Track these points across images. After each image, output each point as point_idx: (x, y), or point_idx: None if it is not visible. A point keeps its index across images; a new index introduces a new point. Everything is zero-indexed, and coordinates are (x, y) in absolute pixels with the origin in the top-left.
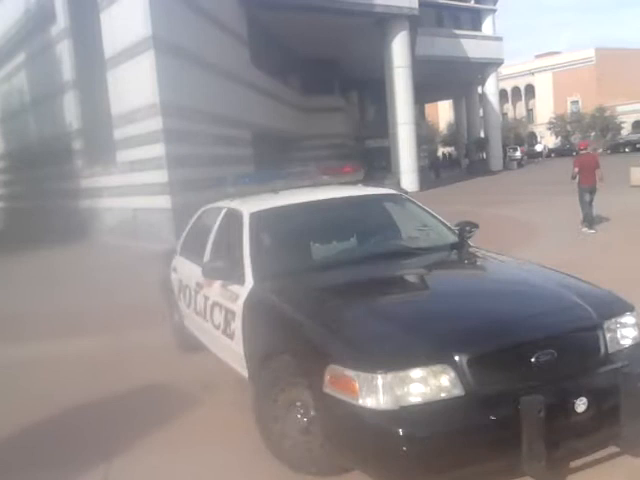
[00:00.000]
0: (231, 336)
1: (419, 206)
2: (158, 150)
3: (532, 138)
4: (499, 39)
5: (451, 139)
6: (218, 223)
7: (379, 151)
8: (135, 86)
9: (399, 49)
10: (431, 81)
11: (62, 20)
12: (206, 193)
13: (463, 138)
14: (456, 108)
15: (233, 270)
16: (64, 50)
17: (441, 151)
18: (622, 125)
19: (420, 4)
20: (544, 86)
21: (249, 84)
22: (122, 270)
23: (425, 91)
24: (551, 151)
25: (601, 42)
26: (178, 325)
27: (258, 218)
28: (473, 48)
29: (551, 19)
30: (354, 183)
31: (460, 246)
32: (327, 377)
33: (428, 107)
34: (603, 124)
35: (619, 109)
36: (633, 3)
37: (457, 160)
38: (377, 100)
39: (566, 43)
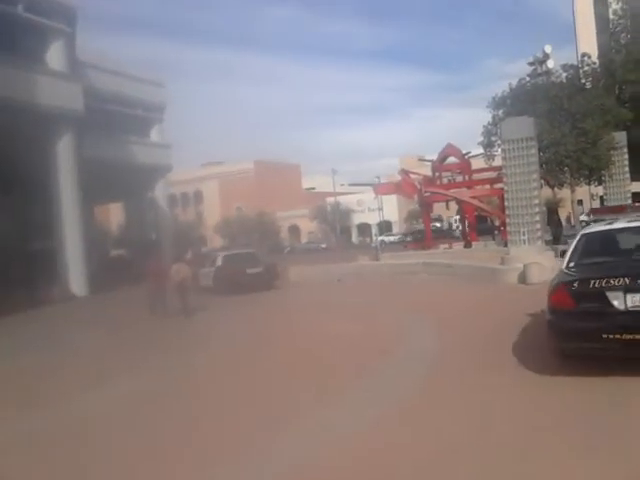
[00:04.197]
0: None
1: None
2: None
3: (203, 241)
4: (167, 147)
5: (123, 241)
6: None
7: (47, 254)
8: None
9: (64, 149)
10: (102, 183)
11: None
12: None
13: (135, 240)
14: (127, 210)
15: None
16: None
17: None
18: (281, 229)
19: (87, 108)
20: (212, 193)
21: None
22: None
23: (95, 192)
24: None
25: (259, 155)
26: None
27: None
28: (142, 154)
29: (217, 131)
30: None
31: None
32: None
33: (99, 208)
34: (264, 228)
35: (278, 215)
36: (287, 125)
37: (131, 262)
38: (43, 199)
39: (230, 154)
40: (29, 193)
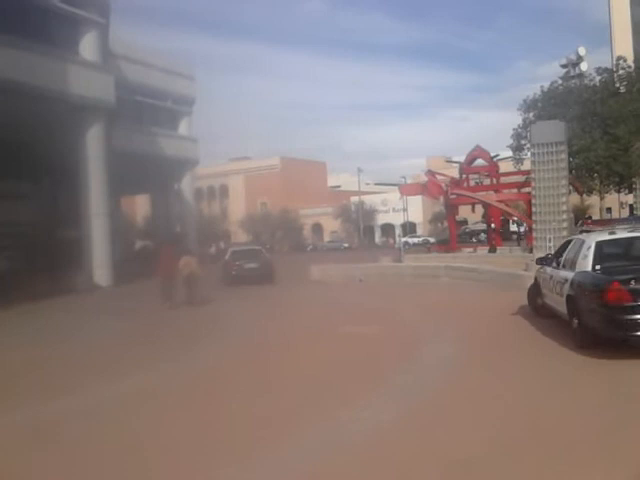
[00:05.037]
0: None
1: None
2: None
3: (227, 235)
4: (195, 140)
5: (148, 232)
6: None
7: (73, 243)
8: None
9: (94, 140)
10: (129, 174)
11: None
12: None
13: (160, 232)
14: (153, 203)
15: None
16: None
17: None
18: (304, 226)
19: (118, 99)
20: (237, 187)
21: None
22: None
23: (123, 183)
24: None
25: (286, 152)
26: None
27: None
28: (170, 146)
29: (245, 126)
30: None
31: None
32: None
33: (125, 199)
34: (287, 225)
35: (302, 212)
36: (314, 121)
37: (155, 254)
38: (71, 188)
39: (257, 149)
40: (58, 182)
